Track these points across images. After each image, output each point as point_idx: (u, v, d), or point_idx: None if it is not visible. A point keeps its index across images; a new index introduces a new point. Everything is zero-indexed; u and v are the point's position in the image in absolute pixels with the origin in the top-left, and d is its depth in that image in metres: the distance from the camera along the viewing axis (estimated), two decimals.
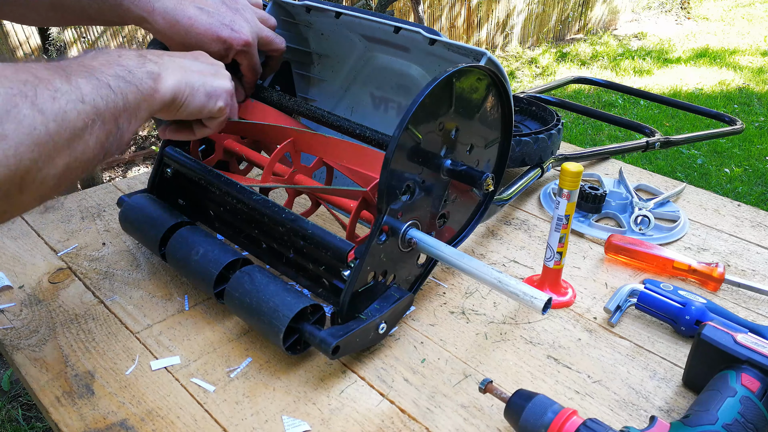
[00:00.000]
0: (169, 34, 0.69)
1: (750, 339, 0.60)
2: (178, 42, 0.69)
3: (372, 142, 0.72)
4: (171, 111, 0.61)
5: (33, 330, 0.71)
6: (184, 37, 0.69)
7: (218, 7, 0.70)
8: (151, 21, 0.68)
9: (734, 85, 4.46)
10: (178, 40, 0.69)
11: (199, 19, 0.68)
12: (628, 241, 0.85)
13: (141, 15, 0.68)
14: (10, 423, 1.65)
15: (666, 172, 3.11)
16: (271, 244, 0.74)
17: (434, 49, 0.75)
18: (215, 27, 0.69)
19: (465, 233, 0.79)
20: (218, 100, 0.64)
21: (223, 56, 0.72)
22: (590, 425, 0.52)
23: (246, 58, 0.74)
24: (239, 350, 0.68)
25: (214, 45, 0.70)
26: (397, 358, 0.68)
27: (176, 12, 0.68)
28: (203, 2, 0.70)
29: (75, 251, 0.85)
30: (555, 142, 1.01)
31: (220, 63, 0.67)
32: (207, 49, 0.70)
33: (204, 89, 0.62)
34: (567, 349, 0.70)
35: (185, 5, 0.69)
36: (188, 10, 0.68)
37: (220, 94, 0.64)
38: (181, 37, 0.69)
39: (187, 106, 0.61)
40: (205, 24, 0.69)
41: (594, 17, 5.87)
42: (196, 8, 0.69)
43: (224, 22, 0.70)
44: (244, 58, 0.74)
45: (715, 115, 1.35)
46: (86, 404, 0.61)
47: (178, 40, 0.69)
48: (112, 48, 0.58)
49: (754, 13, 6.68)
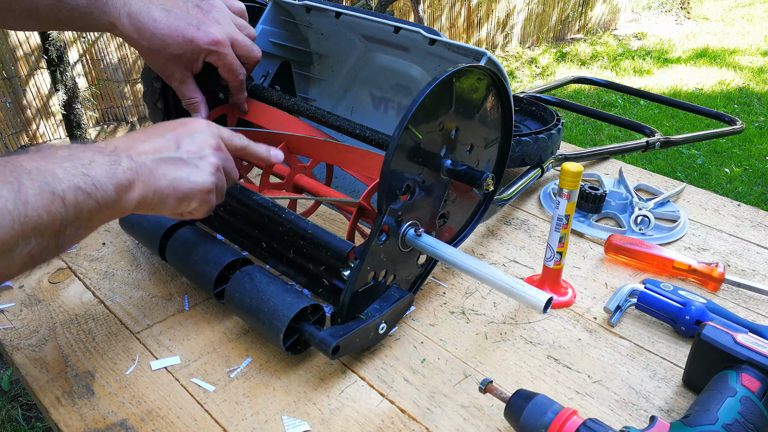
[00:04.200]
0: (136, 38, 0.68)
1: (750, 339, 0.59)
2: (146, 46, 0.68)
3: (372, 142, 0.72)
4: (137, 212, 0.55)
5: (33, 330, 0.71)
6: (150, 41, 0.67)
7: (188, 10, 0.69)
8: (119, 26, 0.67)
9: (734, 85, 4.46)
10: (145, 44, 0.68)
11: (164, 21, 0.67)
12: (628, 241, 0.85)
13: (110, 21, 0.67)
14: (10, 423, 1.65)
15: (666, 172, 3.11)
16: (271, 244, 0.74)
17: (434, 49, 0.75)
18: (181, 27, 0.68)
19: (465, 233, 0.79)
20: (192, 202, 0.58)
21: (192, 59, 0.70)
22: (590, 425, 0.52)
23: (219, 58, 0.72)
24: (239, 350, 0.68)
25: (179, 46, 0.68)
26: (397, 358, 0.68)
27: (141, 15, 0.67)
28: (172, 5, 0.68)
29: (75, 251, 0.85)
30: (555, 142, 1.01)
31: (209, 149, 0.59)
32: (173, 51, 0.68)
33: (175, 195, 0.55)
34: (567, 349, 0.70)
35: (151, 9, 0.67)
36: (154, 13, 0.67)
37: (193, 196, 0.57)
38: (147, 40, 0.68)
39: (155, 211, 0.56)
40: (170, 25, 0.67)
41: (594, 17, 5.87)
42: (162, 10, 0.68)
43: (191, 23, 0.69)
44: (217, 59, 0.72)
45: (715, 115, 1.36)
46: (86, 404, 0.61)
47: (146, 44, 0.68)
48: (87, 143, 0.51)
49: (754, 13, 6.68)
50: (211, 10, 0.71)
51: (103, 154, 0.50)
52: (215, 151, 0.60)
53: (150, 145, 0.55)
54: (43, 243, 0.44)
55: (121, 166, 0.50)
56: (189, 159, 0.57)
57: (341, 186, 0.93)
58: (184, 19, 0.69)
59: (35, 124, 2.95)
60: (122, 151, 0.52)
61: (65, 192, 0.45)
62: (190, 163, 0.57)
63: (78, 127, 2.84)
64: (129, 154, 0.52)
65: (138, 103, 3.39)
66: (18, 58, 2.79)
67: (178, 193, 0.56)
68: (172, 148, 0.56)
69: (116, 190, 0.49)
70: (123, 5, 0.67)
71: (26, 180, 0.42)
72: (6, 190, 0.40)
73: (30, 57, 2.83)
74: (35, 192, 0.42)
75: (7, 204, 0.40)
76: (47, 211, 0.43)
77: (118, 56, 3.23)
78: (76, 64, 3.10)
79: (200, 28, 0.69)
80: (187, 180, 0.56)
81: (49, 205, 0.43)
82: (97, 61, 3.19)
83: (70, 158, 0.47)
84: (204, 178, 0.58)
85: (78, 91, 2.83)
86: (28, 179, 0.43)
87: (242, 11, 0.77)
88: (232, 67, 0.74)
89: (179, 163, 0.56)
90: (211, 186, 0.59)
